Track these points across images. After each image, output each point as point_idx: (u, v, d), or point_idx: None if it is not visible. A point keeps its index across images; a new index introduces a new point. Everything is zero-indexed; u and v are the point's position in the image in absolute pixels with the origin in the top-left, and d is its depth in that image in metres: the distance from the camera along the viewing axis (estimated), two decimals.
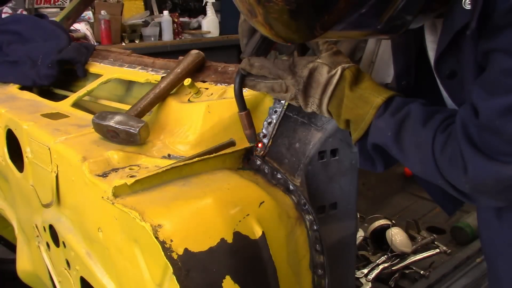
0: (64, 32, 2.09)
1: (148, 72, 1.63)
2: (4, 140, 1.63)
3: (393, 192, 2.67)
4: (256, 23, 0.84)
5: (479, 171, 0.83)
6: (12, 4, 4.02)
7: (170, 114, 1.31)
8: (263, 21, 0.82)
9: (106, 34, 4.14)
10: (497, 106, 0.79)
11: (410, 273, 1.96)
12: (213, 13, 4.75)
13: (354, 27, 0.87)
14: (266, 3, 0.78)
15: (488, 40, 0.80)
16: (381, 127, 0.98)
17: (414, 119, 0.95)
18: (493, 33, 0.79)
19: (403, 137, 0.95)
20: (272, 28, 0.82)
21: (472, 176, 0.84)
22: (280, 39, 0.85)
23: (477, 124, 0.83)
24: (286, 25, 0.81)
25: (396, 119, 0.96)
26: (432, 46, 1.03)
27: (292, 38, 0.85)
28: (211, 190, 1.06)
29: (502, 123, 0.79)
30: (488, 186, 0.84)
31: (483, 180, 0.84)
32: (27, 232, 1.68)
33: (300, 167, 1.19)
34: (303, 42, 1.04)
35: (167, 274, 0.96)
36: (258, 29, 0.86)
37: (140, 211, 0.96)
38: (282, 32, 0.83)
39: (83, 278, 1.30)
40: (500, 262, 1.06)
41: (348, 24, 0.83)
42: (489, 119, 0.80)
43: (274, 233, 1.07)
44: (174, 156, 1.15)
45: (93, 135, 1.33)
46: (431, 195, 1.22)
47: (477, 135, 0.83)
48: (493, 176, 0.82)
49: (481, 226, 1.10)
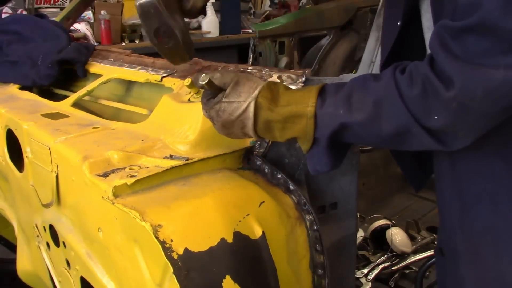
0: (64, 32, 2.09)
1: (148, 72, 1.63)
2: (4, 140, 1.63)
3: (393, 192, 2.67)
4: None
5: (468, 81, 0.76)
6: (12, 4, 4.02)
7: (170, 114, 1.31)
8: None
9: (106, 34, 4.14)
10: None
11: (410, 273, 1.96)
12: (213, 13, 4.74)
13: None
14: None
15: None
16: (329, 112, 0.92)
17: (361, 83, 0.91)
18: None
19: (358, 104, 0.89)
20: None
21: (460, 88, 0.77)
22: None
23: (458, 30, 0.77)
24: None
25: (341, 95, 0.92)
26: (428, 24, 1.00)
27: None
28: (211, 190, 1.06)
29: (501, 18, 0.73)
30: (476, 101, 0.77)
31: (472, 92, 0.76)
32: (27, 232, 1.68)
33: (300, 167, 1.19)
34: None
35: (167, 274, 0.96)
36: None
37: (140, 211, 0.96)
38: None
39: (83, 278, 1.30)
40: (446, 214, 1.06)
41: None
42: (488, 16, 0.74)
43: (274, 233, 1.07)
44: (176, 157, 1.15)
45: (94, 135, 1.33)
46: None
47: (459, 44, 0.77)
48: (483, 85, 0.76)
49: (436, 178, 1.08)
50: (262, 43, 3.02)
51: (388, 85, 0.86)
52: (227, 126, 1.01)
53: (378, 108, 0.87)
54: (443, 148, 0.87)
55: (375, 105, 0.87)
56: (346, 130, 0.92)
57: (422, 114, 0.83)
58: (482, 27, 0.75)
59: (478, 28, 0.76)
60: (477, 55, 0.76)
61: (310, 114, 0.93)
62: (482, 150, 0.92)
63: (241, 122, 0.99)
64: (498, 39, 0.74)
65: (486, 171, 0.94)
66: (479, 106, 0.78)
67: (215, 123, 1.03)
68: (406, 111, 0.84)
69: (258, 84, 0.99)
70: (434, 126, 0.83)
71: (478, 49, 0.76)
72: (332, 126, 0.92)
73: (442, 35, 0.80)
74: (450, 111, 0.80)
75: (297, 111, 0.94)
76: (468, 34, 0.77)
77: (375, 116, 0.88)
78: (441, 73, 0.79)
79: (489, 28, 0.75)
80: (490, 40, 0.75)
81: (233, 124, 1.00)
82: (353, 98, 0.90)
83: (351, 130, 0.91)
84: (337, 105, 0.91)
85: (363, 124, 0.89)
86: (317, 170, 1.00)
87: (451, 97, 0.78)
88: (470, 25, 0.76)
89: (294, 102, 0.95)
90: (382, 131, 0.88)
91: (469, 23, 0.76)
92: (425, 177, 1.24)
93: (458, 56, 0.77)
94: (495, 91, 0.76)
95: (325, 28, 3.28)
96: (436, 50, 0.81)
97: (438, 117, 0.81)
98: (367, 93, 0.89)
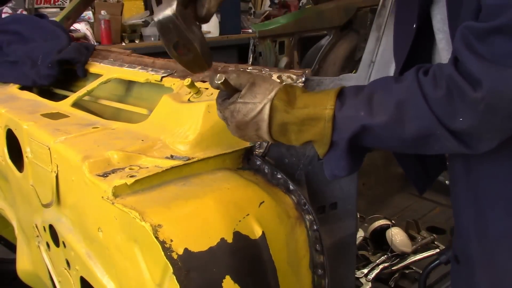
0: (64, 32, 2.09)
1: (148, 72, 1.63)
2: (4, 140, 1.63)
3: (393, 192, 2.67)
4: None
5: (496, 82, 0.75)
6: (12, 4, 4.02)
7: (170, 114, 1.31)
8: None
9: (106, 34, 4.14)
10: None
11: (410, 273, 1.96)
12: None
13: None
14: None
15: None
16: (349, 114, 0.90)
17: (383, 85, 0.89)
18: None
19: (379, 105, 0.87)
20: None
21: (489, 89, 0.75)
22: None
23: (485, 32, 0.76)
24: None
25: (362, 97, 0.90)
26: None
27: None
28: (211, 190, 1.06)
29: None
30: (504, 101, 0.76)
31: (501, 93, 0.75)
32: (27, 232, 1.69)
33: (300, 167, 1.19)
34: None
35: (167, 274, 0.96)
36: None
37: (140, 211, 0.96)
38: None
39: (83, 278, 1.30)
40: (461, 219, 1.04)
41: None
42: None
43: (274, 233, 1.07)
44: (177, 157, 1.15)
45: (93, 135, 1.33)
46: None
47: (486, 45, 0.76)
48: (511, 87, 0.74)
49: (451, 183, 1.07)
50: (262, 43, 3.01)
51: (411, 87, 0.84)
52: (241, 127, 0.99)
53: (401, 109, 0.85)
54: (467, 150, 0.85)
55: (397, 107, 0.85)
56: (366, 133, 0.89)
57: (447, 116, 0.81)
58: (510, 28, 0.74)
59: (506, 29, 0.74)
60: (505, 56, 0.75)
61: (328, 116, 0.91)
62: (499, 154, 0.90)
63: (255, 124, 0.97)
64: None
65: (503, 175, 0.92)
66: (507, 107, 0.76)
67: (229, 124, 1.01)
68: (430, 112, 0.82)
69: (274, 86, 0.98)
70: (459, 128, 0.81)
71: (506, 50, 0.75)
72: (352, 128, 0.89)
73: (467, 36, 0.79)
74: (477, 112, 0.78)
75: (314, 114, 0.92)
76: (495, 35, 0.75)
77: (397, 118, 0.86)
78: (467, 74, 0.78)
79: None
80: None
81: (247, 126, 0.98)
82: (374, 100, 0.88)
83: (372, 133, 0.89)
84: (358, 107, 0.89)
85: (385, 126, 0.87)
86: (334, 175, 0.97)
87: (478, 98, 0.76)
88: (498, 26, 0.75)
89: (312, 105, 0.93)
90: (405, 133, 0.86)
91: (497, 24, 0.75)
92: (429, 180, 1.22)
93: (485, 57, 0.76)
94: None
95: (325, 28, 3.27)
96: (461, 52, 0.79)
97: (464, 118, 0.80)
98: (389, 95, 0.87)
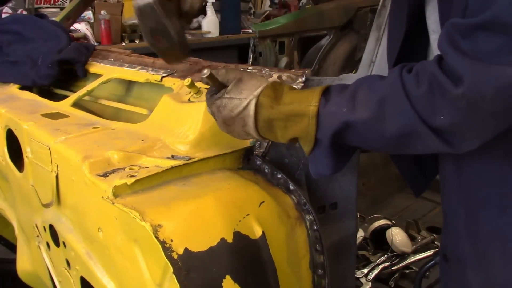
0: (64, 32, 2.09)
1: (148, 72, 1.63)
2: (4, 140, 1.63)
3: (393, 192, 2.67)
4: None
5: (478, 79, 0.74)
6: (12, 4, 4.02)
7: (170, 114, 1.31)
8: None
9: (106, 34, 4.13)
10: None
11: (410, 273, 1.96)
12: (213, 13, 4.74)
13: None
14: None
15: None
16: (332, 111, 0.89)
17: (367, 82, 0.89)
18: None
19: (362, 102, 0.87)
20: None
21: (470, 85, 0.74)
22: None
23: (469, 28, 0.75)
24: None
25: (346, 94, 0.89)
26: None
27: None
28: (211, 190, 1.06)
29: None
30: (485, 99, 0.74)
31: (482, 89, 0.74)
32: (27, 232, 1.68)
33: (300, 167, 1.19)
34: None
35: (167, 274, 0.96)
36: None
37: (140, 211, 0.96)
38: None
39: (83, 278, 1.30)
40: (452, 219, 1.04)
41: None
42: (501, 14, 0.72)
43: (274, 233, 1.07)
44: (178, 157, 1.15)
45: (93, 135, 1.33)
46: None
47: (470, 41, 0.75)
48: (493, 83, 0.73)
49: (441, 183, 1.06)
50: (262, 43, 3.01)
51: (394, 84, 0.84)
52: (227, 122, 1.00)
53: (383, 106, 0.84)
54: (450, 150, 0.84)
55: (379, 104, 0.85)
56: (349, 130, 0.89)
57: (428, 113, 0.80)
58: (494, 25, 0.73)
59: (490, 25, 0.74)
60: (488, 53, 0.74)
61: (312, 113, 0.91)
62: (490, 154, 0.90)
63: (241, 119, 0.98)
64: (510, 36, 0.73)
65: (494, 176, 0.92)
66: (489, 104, 0.75)
67: (216, 119, 1.03)
68: (411, 109, 0.81)
69: (262, 83, 0.98)
70: (441, 125, 0.80)
71: (490, 47, 0.74)
72: (334, 125, 0.89)
73: (451, 33, 0.78)
74: (458, 109, 0.77)
75: (299, 110, 0.92)
76: (479, 32, 0.75)
77: (379, 115, 0.85)
78: (449, 71, 0.77)
79: (502, 26, 0.73)
80: (502, 38, 0.73)
81: (234, 121, 0.99)
82: (357, 97, 0.88)
83: (354, 130, 0.88)
84: (341, 104, 0.89)
85: (367, 123, 0.86)
86: (318, 173, 0.98)
87: (459, 95, 0.76)
88: (481, 23, 0.74)
89: (297, 101, 0.93)
90: (386, 130, 0.85)
91: (481, 21, 0.74)
92: (426, 182, 1.21)
93: (468, 53, 0.75)
94: (505, 89, 0.74)
95: (325, 28, 3.28)
96: (445, 48, 0.79)
97: (445, 116, 0.79)
98: (372, 92, 0.87)
